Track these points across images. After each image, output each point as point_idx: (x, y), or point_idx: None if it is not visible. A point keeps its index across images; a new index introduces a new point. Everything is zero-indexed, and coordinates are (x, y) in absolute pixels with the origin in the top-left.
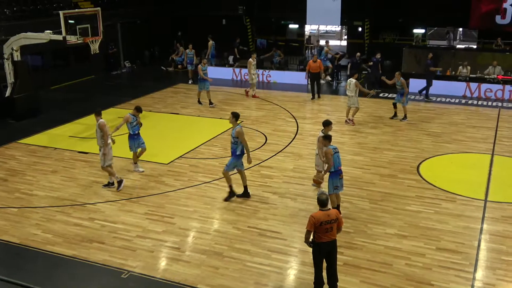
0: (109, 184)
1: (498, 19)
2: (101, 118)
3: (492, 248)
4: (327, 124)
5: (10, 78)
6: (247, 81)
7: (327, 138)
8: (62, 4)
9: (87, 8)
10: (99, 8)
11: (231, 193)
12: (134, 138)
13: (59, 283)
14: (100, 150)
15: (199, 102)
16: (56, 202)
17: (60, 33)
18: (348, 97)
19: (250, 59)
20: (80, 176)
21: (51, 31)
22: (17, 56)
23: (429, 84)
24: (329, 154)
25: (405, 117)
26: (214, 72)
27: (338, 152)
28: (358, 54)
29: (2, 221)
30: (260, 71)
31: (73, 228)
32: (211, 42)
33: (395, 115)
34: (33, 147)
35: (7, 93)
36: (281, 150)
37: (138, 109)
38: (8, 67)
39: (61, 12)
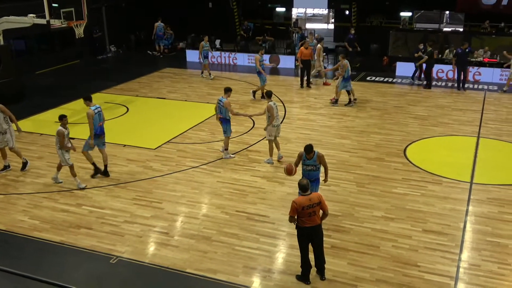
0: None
1: None
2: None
3: (478, 229)
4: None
5: None
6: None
7: (306, 150)
8: None
9: None
10: None
11: (96, 170)
12: (229, 122)
13: (47, 269)
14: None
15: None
16: (43, 188)
17: (44, 17)
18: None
19: (319, 45)
20: None
21: (34, 15)
22: (0, 40)
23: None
24: (324, 157)
25: (336, 101)
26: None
27: None
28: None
29: None
30: (246, 55)
31: (60, 214)
32: (157, 23)
33: (350, 100)
34: (18, 133)
35: None
36: None
37: (229, 89)
38: None
39: None
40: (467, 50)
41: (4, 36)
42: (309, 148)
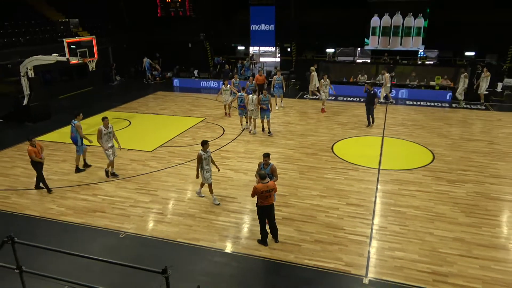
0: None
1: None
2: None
3: (384, 202)
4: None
5: (26, 91)
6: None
7: (266, 158)
8: (65, 34)
9: (85, 36)
10: (94, 36)
11: (85, 165)
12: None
13: (71, 243)
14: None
15: (269, 132)
16: (67, 183)
17: (65, 55)
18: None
19: (322, 80)
20: None
21: (57, 54)
22: (31, 73)
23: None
24: (276, 170)
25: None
26: (183, 82)
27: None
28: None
29: (25, 200)
30: (218, 81)
31: (80, 202)
32: (144, 59)
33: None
34: (46, 143)
35: (25, 102)
36: (235, 138)
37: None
38: (24, 82)
39: (64, 40)
40: (372, 92)
41: (34, 70)
42: (266, 154)
